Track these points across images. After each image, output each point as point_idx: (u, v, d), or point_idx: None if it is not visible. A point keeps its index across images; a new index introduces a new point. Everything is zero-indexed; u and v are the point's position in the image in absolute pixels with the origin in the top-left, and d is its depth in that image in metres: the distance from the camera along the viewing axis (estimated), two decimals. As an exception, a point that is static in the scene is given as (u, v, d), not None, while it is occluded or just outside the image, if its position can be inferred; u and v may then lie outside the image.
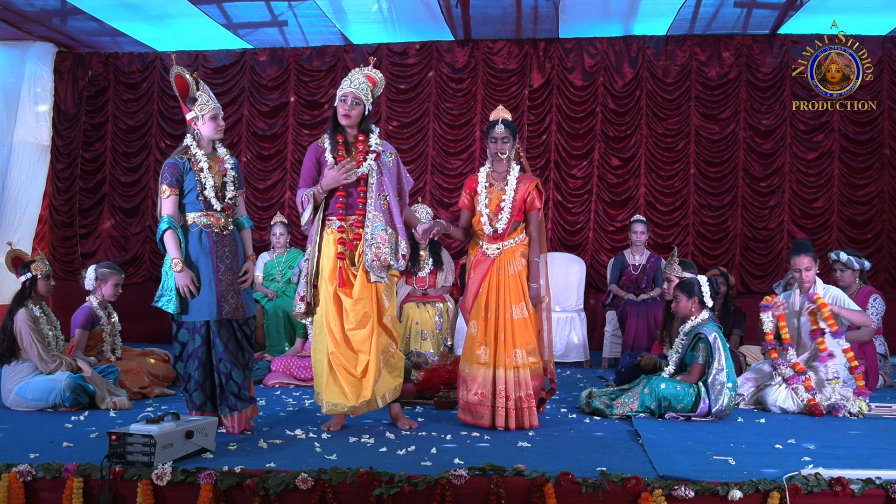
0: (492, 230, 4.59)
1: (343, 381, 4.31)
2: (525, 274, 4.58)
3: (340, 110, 4.39)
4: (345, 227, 4.38)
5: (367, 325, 4.32)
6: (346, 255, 4.36)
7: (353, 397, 4.30)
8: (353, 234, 4.39)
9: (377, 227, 4.34)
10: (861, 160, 8.52)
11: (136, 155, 9.32)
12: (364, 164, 4.38)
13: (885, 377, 6.17)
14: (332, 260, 4.37)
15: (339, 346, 4.32)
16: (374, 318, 4.34)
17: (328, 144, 4.43)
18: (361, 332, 4.32)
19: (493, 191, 4.63)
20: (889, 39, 8.43)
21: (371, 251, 4.31)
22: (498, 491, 3.22)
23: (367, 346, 4.32)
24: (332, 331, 4.33)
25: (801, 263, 5.29)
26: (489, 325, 4.54)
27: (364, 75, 4.50)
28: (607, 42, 8.78)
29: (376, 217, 4.35)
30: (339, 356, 4.32)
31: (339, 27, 8.53)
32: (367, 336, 4.32)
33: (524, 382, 4.48)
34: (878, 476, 3.23)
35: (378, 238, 4.32)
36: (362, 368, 4.32)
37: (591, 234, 8.79)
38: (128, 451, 3.37)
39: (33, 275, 5.11)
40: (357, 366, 4.32)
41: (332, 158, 4.38)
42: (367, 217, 4.36)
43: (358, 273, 4.35)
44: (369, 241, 4.32)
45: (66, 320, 5.59)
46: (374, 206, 4.37)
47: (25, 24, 8.33)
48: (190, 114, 4.31)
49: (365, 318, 4.32)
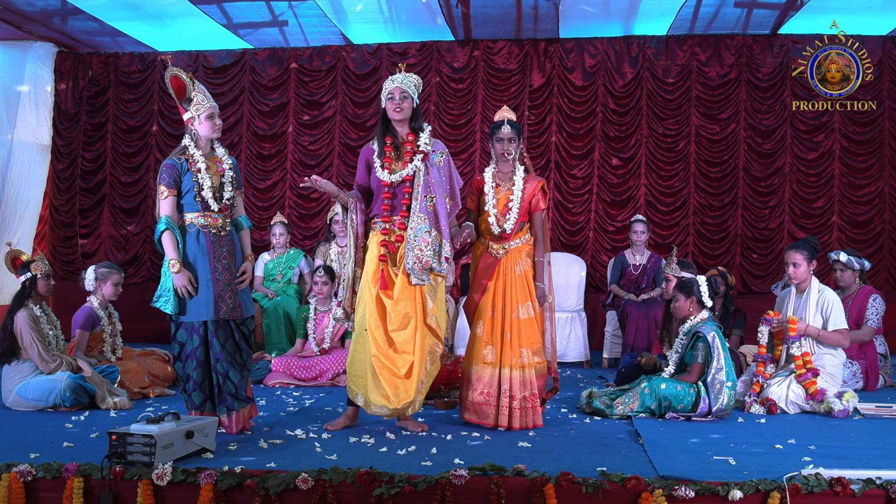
0: (499, 230, 4.59)
1: (386, 384, 4.26)
2: (531, 274, 4.60)
3: (391, 107, 4.38)
4: (388, 228, 4.37)
5: (408, 326, 4.29)
6: (388, 258, 4.35)
7: (396, 400, 4.25)
8: (395, 235, 4.37)
9: (420, 229, 4.30)
10: (861, 160, 8.52)
11: (137, 155, 9.32)
12: (409, 165, 4.36)
13: (886, 377, 6.17)
14: (374, 262, 4.37)
15: (380, 349, 4.29)
16: (418, 319, 4.30)
17: (376, 147, 4.43)
18: (404, 333, 4.29)
19: (500, 191, 4.64)
20: (889, 39, 8.43)
21: (413, 253, 4.28)
22: (498, 491, 3.22)
23: (412, 346, 4.29)
24: (374, 333, 4.30)
25: (790, 258, 5.31)
26: (495, 325, 4.54)
27: (404, 74, 4.48)
28: (608, 42, 8.77)
29: (420, 219, 4.31)
30: (382, 358, 4.28)
31: (340, 27, 8.53)
32: (411, 337, 4.29)
33: (529, 382, 4.49)
34: (878, 476, 3.23)
35: (421, 240, 4.28)
36: (407, 368, 4.28)
37: (592, 234, 8.78)
38: (128, 451, 3.37)
39: (33, 275, 5.11)
40: (402, 366, 4.28)
41: (379, 163, 4.39)
42: (411, 218, 4.33)
43: (399, 274, 4.32)
44: (411, 242, 4.29)
45: (67, 320, 5.59)
46: (418, 208, 4.33)
47: (25, 24, 8.33)
48: (186, 114, 4.31)
49: (406, 319, 4.30)
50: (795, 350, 5.16)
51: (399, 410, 4.27)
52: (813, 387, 5.02)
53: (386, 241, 4.35)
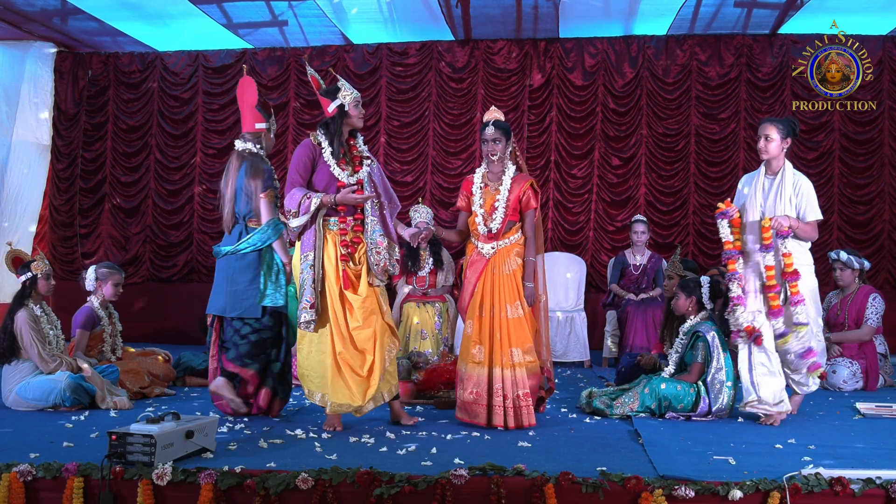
0: (486, 230, 4.60)
1: (350, 381, 4.33)
2: (520, 273, 4.58)
3: (357, 114, 4.50)
4: (346, 228, 4.41)
5: (372, 324, 4.35)
6: (349, 257, 4.39)
7: (360, 396, 4.32)
8: (353, 235, 4.43)
9: (376, 233, 4.44)
10: (861, 160, 8.52)
11: (136, 155, 9.32)
12: (362, 170, 4.47)
13: (885, 377, 6.17)
14: (333, 261, 4.39)
15: (346, 346, 4.34)
16: (378, 316, 4.39)
17: (329, 146, 4.43)
18: (367, 330, 4.34)
19: (488, 191, 4.65)
20: (889, 39, 8.43)
21: (373, 257, 4.40)
22: (498, 491, 3.22)
23: (372, 345, 4.35)
24: (340, 331, 4.34)
25: (762, 129, 4.71)
26: (484, 325, 4.55)
27: None
28: (607, 42, 8.78)
29: (374, 222, 4.45)
30: (347, 356, 4.33)
31: (340, 27, 8.53)
32: (372, 335, 4.35)
33: (521, 381, 4.48)
34: (878, 476, 3.22)
35: (377, 243, 4.42)
36: (368, 368, 4.34)
37: (592, 233, 8.79)
38: (128, 450, 3.37)
39: (33, 274, 5.11)
40: (363, 366, 4.34)
41: (334, 162, 4.41)
42: (367, 222, 4.44)
43: (362, 272, 4.40)
44: (371, 246, 4.41)
45: (67, 320, 5.59)
46: (371, 212, 4.45)
47: (25, 24, 8.33)
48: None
49: (371, 317, 4.35)
50: (770, 259, 4.60)
51: (363, 408, 4.36)
52: (795, 288, 4.55)
53: (346, 240, 4.40)
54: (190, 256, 9.19)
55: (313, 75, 4.58)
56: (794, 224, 4.58)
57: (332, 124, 4.47)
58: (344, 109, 4.46)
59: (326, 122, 4.50)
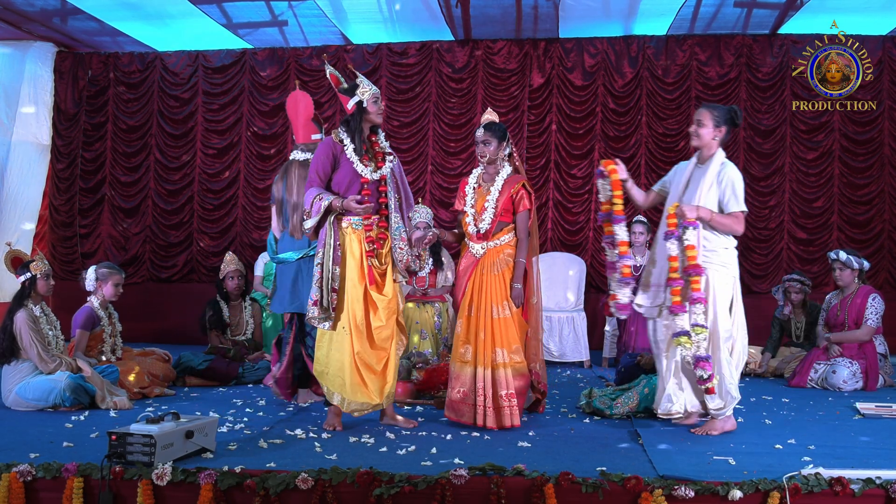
0: (476, 230, 4.62)
1: (367, 380, 4.35)
2: (509, 275, 4.58)
3: (375, 110, 4.44)
4: (371, 225, 4.41)
5: (393, 324, 4.41)
6: (374, 254, 4.39)
7: (377, 394, 4.36)
8: (379, 231, 4.42)
9: (399, 229, 4.46)
10: (861, 160, 8.52)
11: (136, 155, 9.31)
12: (385, 166, 4.46)
13: (885, 377, 6.17)
14: (358, 259, 4.37)
15: (364, 345, 4.35)
16: (398, 315, 4.45)
17: (351, 143, 4.41)
18: (388, 330, 4.39)
19: (481, 191, 4.66)
20: (889, 39, 8.43)
21: (397, 252, 4.43)
22: (498, 491, 3.22)
23: (390, 343, 4.41)
24: (358, 331, 4.34)
25: (696, 115, 4.37)
26: (471, 324, 4.57)
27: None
28: (607, 42, 8.77)
29: (397, 218, 4.47)
30: (365, 355, 4.35)
31: (339, 27, 8.53)
32: (391, 334, 4.41)
33: (504, 381, 4.47)
34: (878, 476, 3.22)
35: (400, 239, 4.44)
36: (383, 364, 4.39)
37: (591, 233, 8.78)
38: (128, 451, 3.37)
39: (33, 274, 5.11)
40: (379, 362, 4.38)
41: (358, 159, 4.39)
42: (391, 218, 4.45)
43: (387, 270, 4.43)
44: (396, 241, 4.43)
45: (67, 320, 5.59)
46: (394, 208, 4.47)
47: (25, 24, 8.33)
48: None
49: (393, 317, 4.41)
50: (673, 248, 4.24)
51: (381, 405, 4.39)
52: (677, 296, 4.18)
53: (371, 237, 4.39)
54: (190, 256, 9.18)
55: (333, 73, 4.56)
56: (706, 215, 4.23)
57: (352, 121, 4.46)
58: (363, 106, 4.42)
59: (347, 120, 4.49)
